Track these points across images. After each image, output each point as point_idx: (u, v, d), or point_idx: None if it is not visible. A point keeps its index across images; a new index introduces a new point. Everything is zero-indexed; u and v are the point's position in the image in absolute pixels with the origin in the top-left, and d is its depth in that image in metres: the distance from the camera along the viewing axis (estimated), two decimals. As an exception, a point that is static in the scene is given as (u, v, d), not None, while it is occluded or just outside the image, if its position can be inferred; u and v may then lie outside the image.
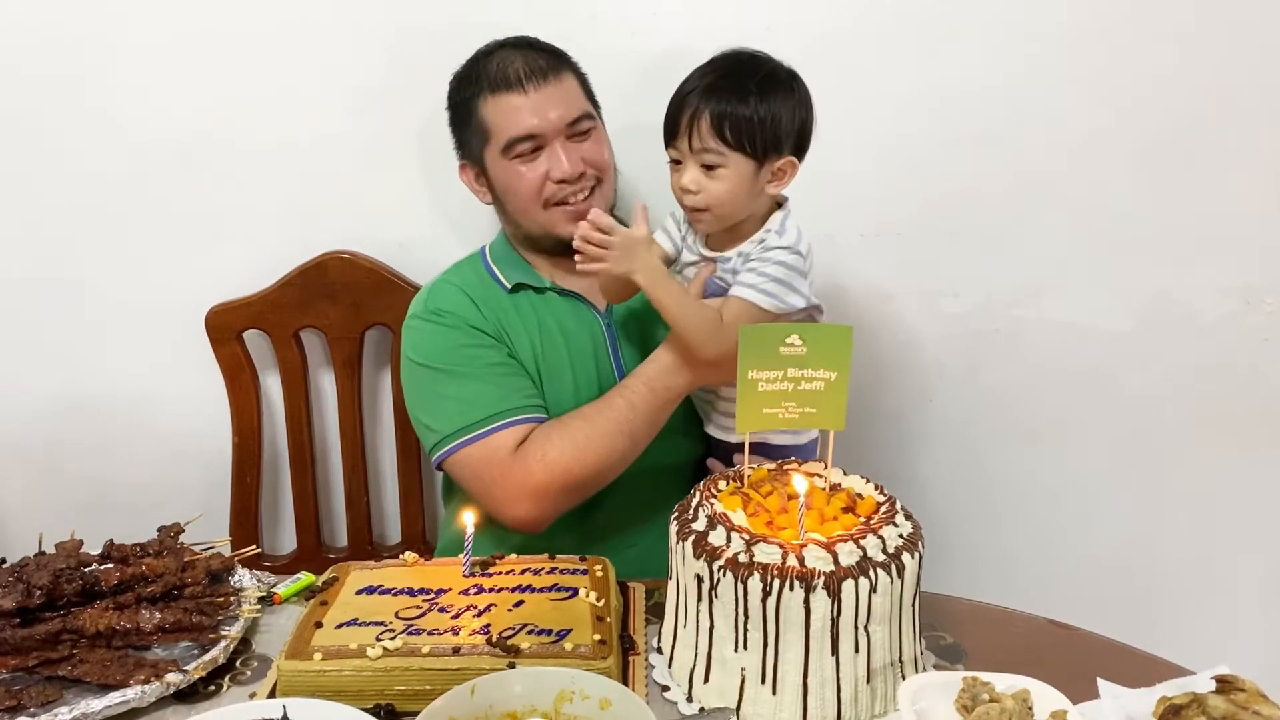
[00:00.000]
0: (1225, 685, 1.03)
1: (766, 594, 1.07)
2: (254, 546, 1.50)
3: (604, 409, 1.53)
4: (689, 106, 1.40)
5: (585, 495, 1.55)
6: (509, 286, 1.66)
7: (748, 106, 1.38)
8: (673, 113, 1.43)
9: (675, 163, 1.46)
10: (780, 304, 1.43)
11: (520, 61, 1.57)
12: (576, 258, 1.47)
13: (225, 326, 1.91)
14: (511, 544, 1.49)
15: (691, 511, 1.19)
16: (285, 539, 2.10)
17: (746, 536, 1.11)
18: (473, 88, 1.60)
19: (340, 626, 1.18)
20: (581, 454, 1.49)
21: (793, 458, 1.44)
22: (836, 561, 1.07)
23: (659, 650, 1.24)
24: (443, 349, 1.60)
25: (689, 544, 1.14)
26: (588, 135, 1.61)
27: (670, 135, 1.44)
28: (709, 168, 1.41)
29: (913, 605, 1.15)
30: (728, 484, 1.26)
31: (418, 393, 1.63)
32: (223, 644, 1.22)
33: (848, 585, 1.06)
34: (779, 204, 1.51)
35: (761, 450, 1.53)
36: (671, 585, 1.21)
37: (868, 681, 1.11)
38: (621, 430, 1.51)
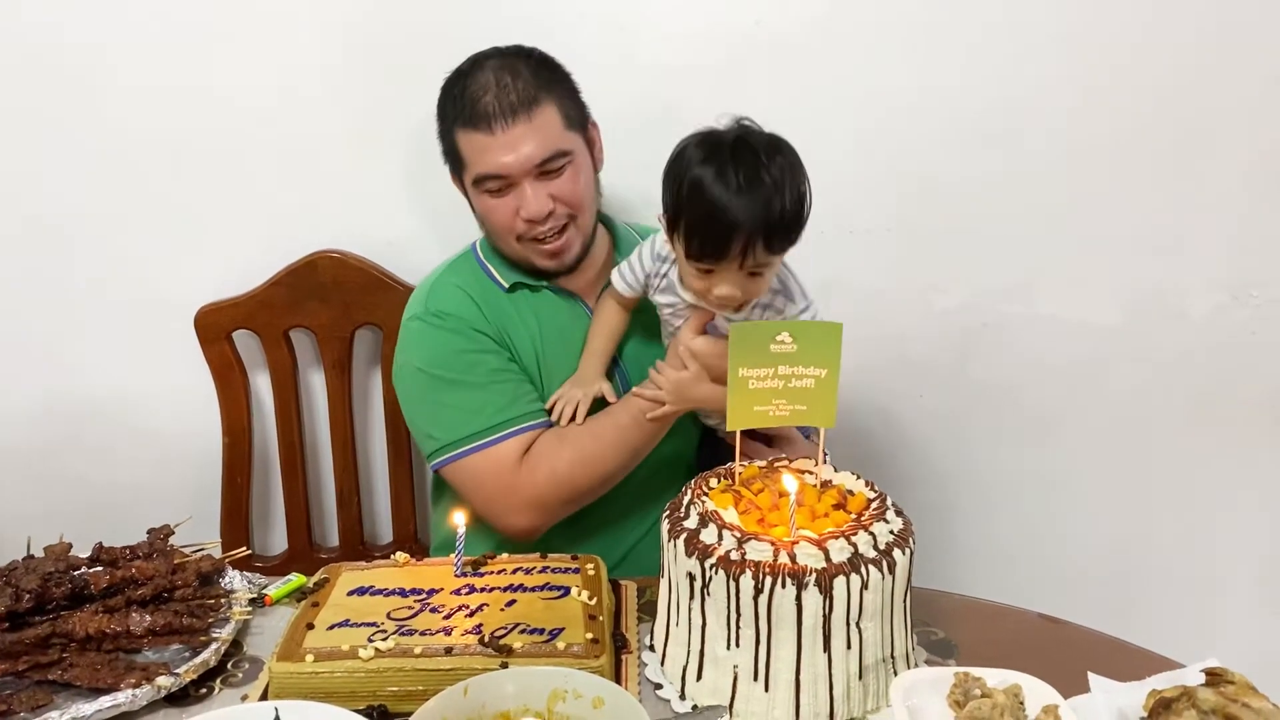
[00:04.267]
0: (1215, 678, 1.04)
1: (758, 591, 1.07)
2: (244, 548, 1.49)
3: (610, 424, 1.52)
4: (737, 234, 1.30)
5: (583, 505, 1.56)
6: (506, 286, 1.64)
7: (790, 213, 1.32)
8: (716, 239, 1.32)
9: (705, 271, 1.37)
10: None
11: (493, 94, 1.50)
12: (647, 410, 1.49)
13: (214, 326, 1.91)
14: (509, 543, 1.49)
15: (683, 509, 1.19)
16: (276, 540, 2.09)
17: (738, 534, 1.11)
18: (451, 110, 1.56)
19: (332, 628, 1.18)
20: (588, 468, 1.51)
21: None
22: (828, 558, 1.07)
23: (651, 648, 1.24)
24: (444, 354, 1.58)
25: (681, 542, 1.14)
26: (560, 173, 1.55)
27: (713, 258, 1.34)
28: (753, 274, 1.37)
29: (904, 601, 1.15)
30: (719, 481, 1.26)
31: (417, 398, 1.60)
32: (214, 646, 1.21)
33: (839, 582, 1.07)
34: None
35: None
36: (663, 583, 1.21)
37: (860, 678, 1.11)
38: (627, 444, 1.52)
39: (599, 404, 1.57)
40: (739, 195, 1.30)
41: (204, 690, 1.18)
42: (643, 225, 1.78)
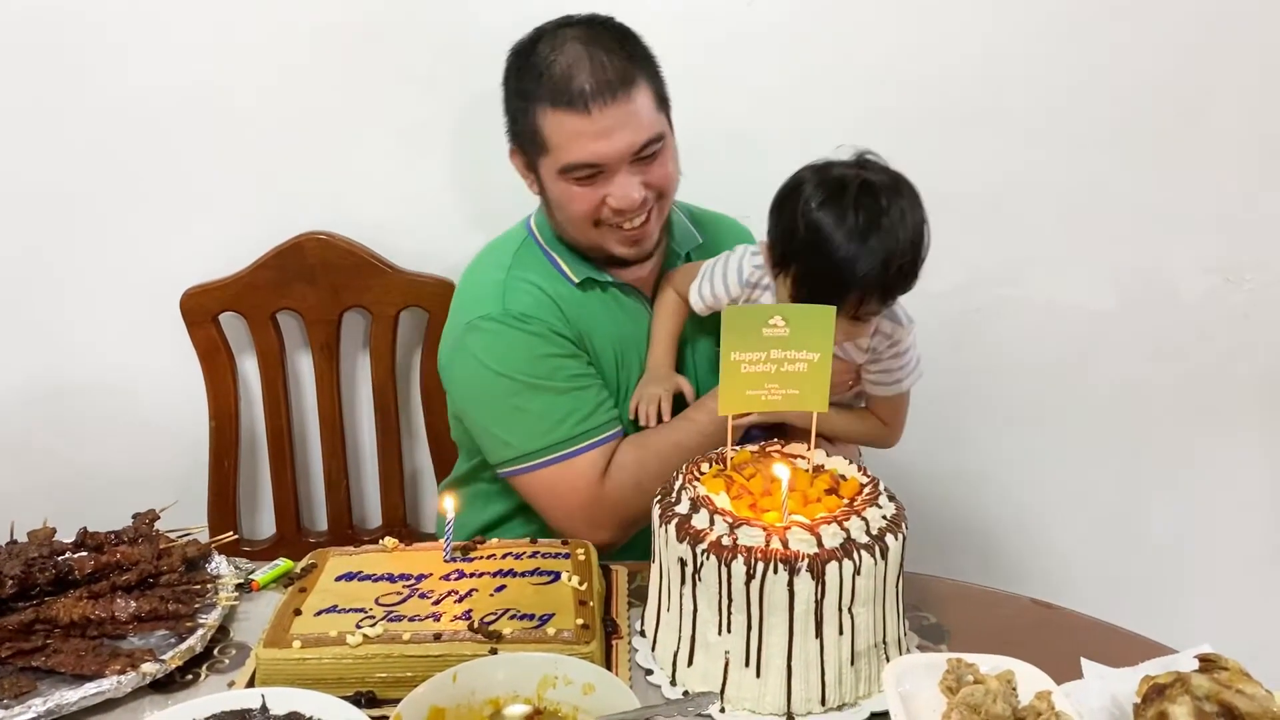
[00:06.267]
0: (1208, 664, 1.03)
1: (750, 577, 1.06)
2: (231, 533, 1.47)
3: (692, 431, 1.46)
4: (854, 290, 1.28)
5: None
6: (576, 281, 1.54)
7: (908, 266, 1.30)
8: (830, 291, 1.27)
9: None
10: (921, 369, 1.49)
11: (587, 71, 1.38)
12: None
13: (201, 309, 1.89)
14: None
15: (674, 494, 1.19)
16: (264, 524, 2.08)
17: (730, 519, 1.10)
18: (532, 85, 1.42)
19: (319, 614, 1.17)
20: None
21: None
22: (820, 544, 1.07)
23: (642, 634, 1.24)
24: (526, 358, 1.48)
25: (672, 527, 1.13)
26: (654, 158, 1.45)
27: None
28: (862, 319, 1.34)
29: (896, 587, 1.15)
30: (710, 466, 1.25)
31: (492, 403, 1.50)
32: (200, 632, 1.20)
33: (831, 567, 1.06)
34: None
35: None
36: (654, 568, 1.20)
37: (852, 664, 1.11)
38: (706, 449, 1.41)
39: (678, 400, 1.52)
40: (859, 249, 1.26)
41: (190, 677, 1.17)
42: (682, 203, 1.69)
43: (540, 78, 1.41)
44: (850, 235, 1.26)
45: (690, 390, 1.53)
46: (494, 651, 1.09)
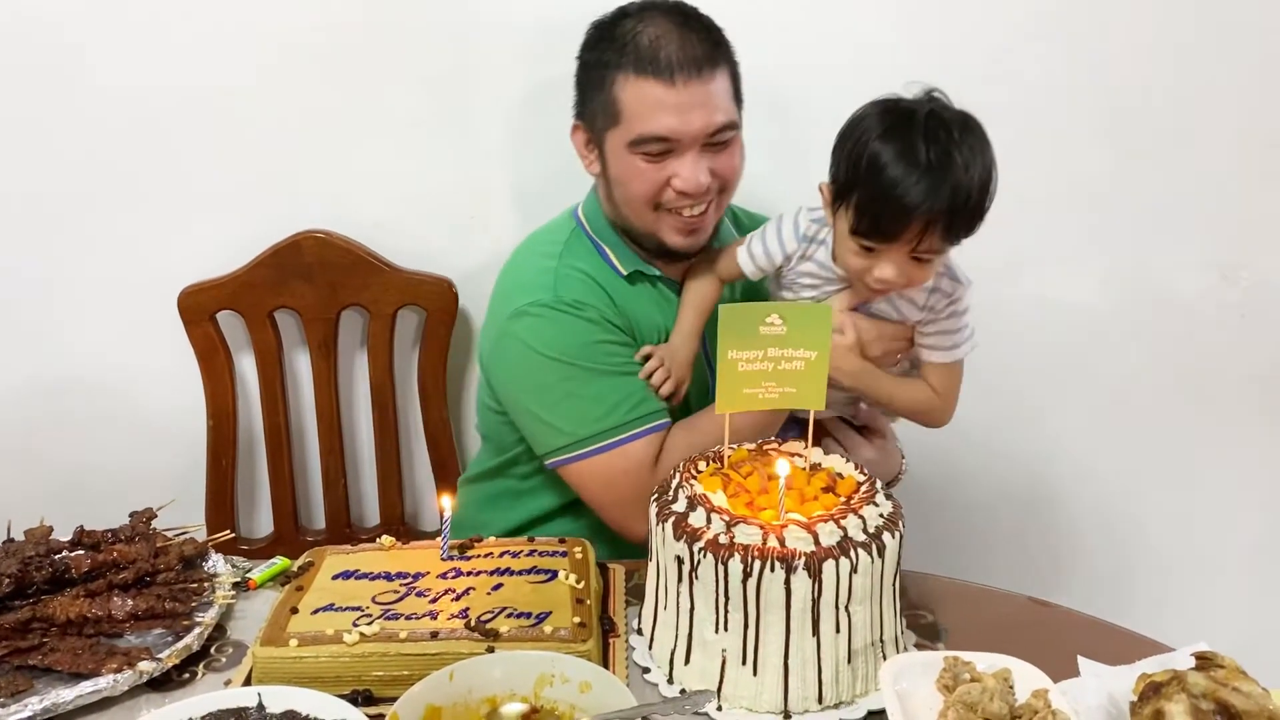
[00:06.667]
0: (1205, 662, 1.04)
1: (747, 575, 1.06)
2: (229, 531, 1.48)
3: (744, 414, 1.39)
4: (915, 218, 1.25)
5: None
6: (625, 273, 1.54)
7: (975, 200, 1.26)
8: (890, 220, 1.26)
9: (868, 250, 1.31)
10: (976, 338, 1.44)
11: (676, 44, 1.38)
12: None
13: (198, 307, 1.88)
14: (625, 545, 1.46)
15: (671, 493, 1.19)
16: (261, 523, 2.07)
17: (727, 518, 1.10)
18: (613, 55, 1.41)
19: (316, 612, 1.17)
20: None
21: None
22: (817, 542, 1.07)
23: (639, 632, 1.24)
24: (581, 343, 1.46)
25: (669, 525, 1.13)
26: (725, 147, 1.45)
27: (882, 239, 1.28)
28: (921, 260, 1.30)
29: (893, 585, 1.15)
30: (707, 465, 1.25)
31: (543, 389, 1.47)
32: (197, 631, 1.20)
33: (828, 565, 1.06)
34: None
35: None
36: (651, 567, 1.20)
37: (849, 662, 1.11)
38: (759, 430, 1.42)
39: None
40: (924, 176, 1.22)
41: (187, 675, 1.17)
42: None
43: (625, 47, 1.40)
44: (914, 162, 1.23)
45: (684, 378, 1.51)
46: (491, 650, 1.09)
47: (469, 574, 1.25)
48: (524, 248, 1.62)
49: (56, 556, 1.25)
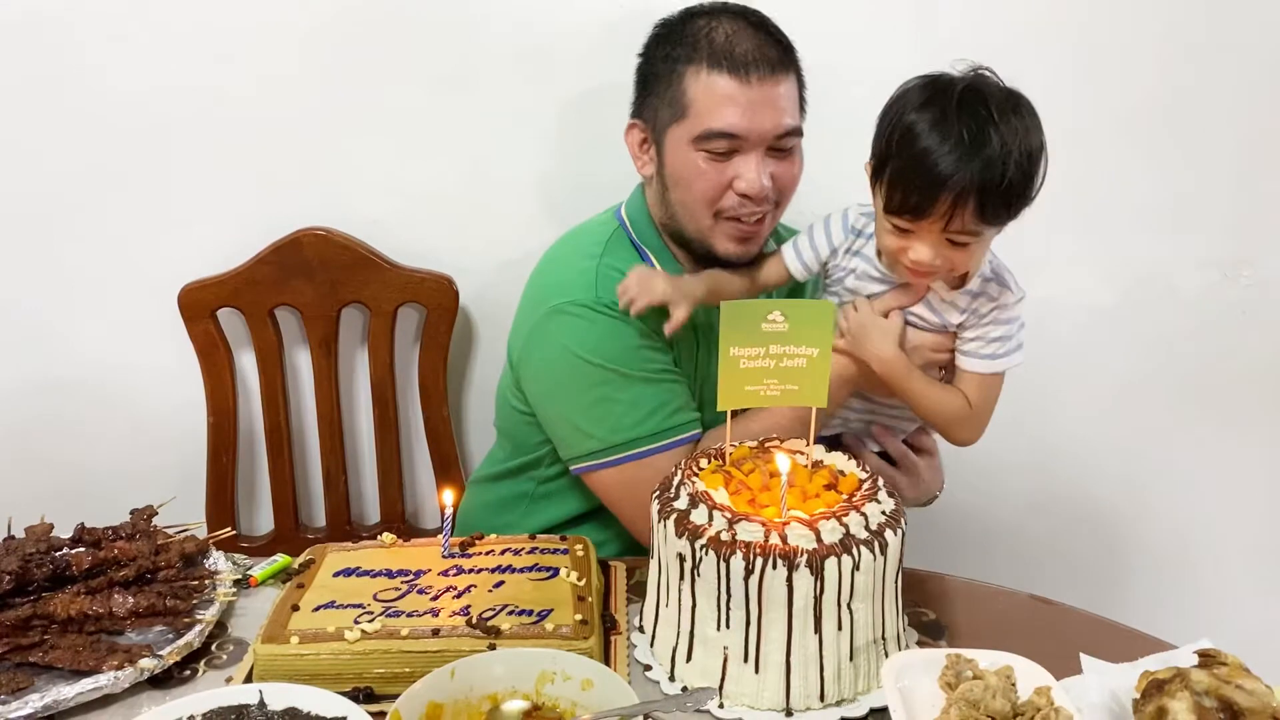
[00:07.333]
0: (1208, 659, 1.03)
1: (749, 572, 1.06)
2: (229, 529, 1.47)
3: (769, 425, 1.40)
4: (944, 191, 1.21)
5: None
6: None
7: (1013, 179, 1.22)
8: (919, 192, 1.23)
9: (903, 230, 1.29)
10: (1022, 355, 1.39)
11: (751, 43, 1.38)
12: None
13: (198, 305, 1.88)
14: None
15: (673, 490, 1.18)
16: (262, 520, 2.07)
17: (728, 515, 1.10)
18: (684, 50, 1.40)
19: (317, 609, 1.17)
20: None
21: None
22: (819, 539, 1.07)
23: (641, 629, 1.24)
24: (620, 347, 1.43)
25: (671, 522, 1.13)
26: (788, 154, 1.44)
27: (913, 214, 1.25)
28: (956, 243, 1.27)
29: (895, 582, 1.15)
30: (709, 462, 1.25)
31: (577, 392, 1.45)
32: (198, 628, 1.20)
33: (830, 563, 1.06)
34: None
35: None
36: (653, 564, 1.20)
37: (851, 659, 1.11)
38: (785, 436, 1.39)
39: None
40: (956, 147, 1.19)
41: (188, 672, 1.17)
42: None
43: (698, 43, 1.40)
44: (946, 134, 1.21)
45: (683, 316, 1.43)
46: (492, 647, 1.09)
47: (470, 571, 1.25)
48: (561, 245, 1.58)
49: (57, 554, 1.24)
